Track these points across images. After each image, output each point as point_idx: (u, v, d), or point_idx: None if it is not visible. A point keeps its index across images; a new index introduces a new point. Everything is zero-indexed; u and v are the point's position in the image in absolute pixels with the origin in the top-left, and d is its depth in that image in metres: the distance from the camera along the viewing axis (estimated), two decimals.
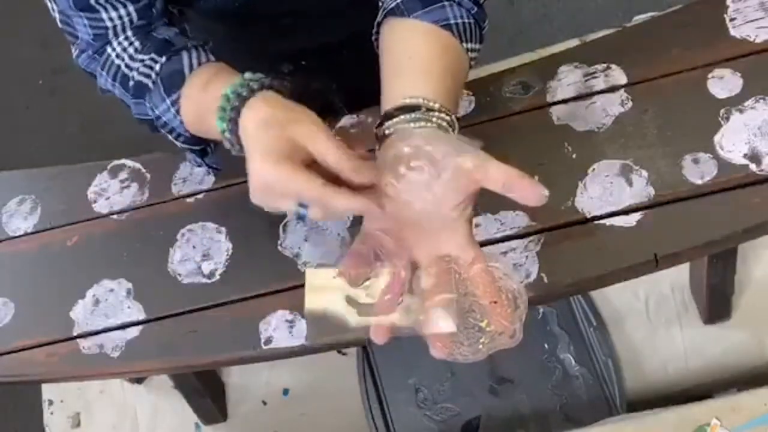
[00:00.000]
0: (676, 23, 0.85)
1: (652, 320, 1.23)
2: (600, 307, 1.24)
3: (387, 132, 0.61)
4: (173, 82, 0.69)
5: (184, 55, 0.70)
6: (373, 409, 1.25)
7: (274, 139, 0.58)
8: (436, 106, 0.61)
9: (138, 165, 0.93)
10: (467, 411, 1.23)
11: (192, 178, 0.90)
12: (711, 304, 1.18)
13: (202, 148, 0.77)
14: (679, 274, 1.22)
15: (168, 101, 0.70)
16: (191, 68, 0.69)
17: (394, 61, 0.66)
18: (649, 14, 1.37)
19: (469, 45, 0.68)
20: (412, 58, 0.65)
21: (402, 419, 1.25)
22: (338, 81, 0.93)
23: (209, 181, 0.89)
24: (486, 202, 0.78)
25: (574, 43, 1.35)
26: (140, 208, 0.89)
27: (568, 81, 0.84)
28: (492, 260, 0.59)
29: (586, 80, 0.84)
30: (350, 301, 0.59)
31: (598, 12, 1.93)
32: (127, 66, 0.74)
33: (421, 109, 0.61)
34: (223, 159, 0.90)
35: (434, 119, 0.60)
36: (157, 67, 0.71)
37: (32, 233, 0.91)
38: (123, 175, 0.92)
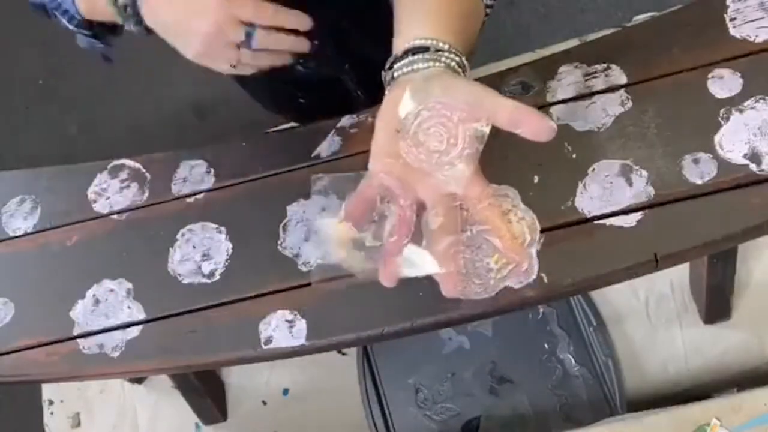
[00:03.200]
0: (676, 23, 0.85)
1: (652, 320, 1.23)
2: (600, 307, 1.24)
3: (395, 75, 0.61)
4: None
5: None
6: (373, 409, 1.25)
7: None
8: (446, 46, 0.61)
9: (138, 165, 0.93)
10: (467, 411, 1.23)
11: (192, 178, 0.90)
12: (711, 304, 1.18)
13: (93, 33, 0.76)
14: (679, 274, 1.22)
15: None
16: None
17: (407, 2, 0.66)
18: (649, 14, 1.37)
19: None
20: (421, 1, 0.65)
21: (402, 419, 1.25)
22: (350, 61, 0.92)
23: (209, 181, 0.89)
24: None
25: (574, 43, 1.35)
26: (140, 208, 0.89)
27: (568, 81, 0.84)
28: (501, 192, 0.60)
29: (586, 80, 0.84)
30: (356, 244, 0.59)
31: (598, 12, 1.93)
32: None
33: (430, 50, 0.60)
34: (223, 159, 0.90)
35: (443, 59, 0.60)
36: None
37: (32, 233, 0.91)
38: (123, 175, 0.92)
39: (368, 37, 0.89)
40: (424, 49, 0.61)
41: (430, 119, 0.58)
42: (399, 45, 0.63)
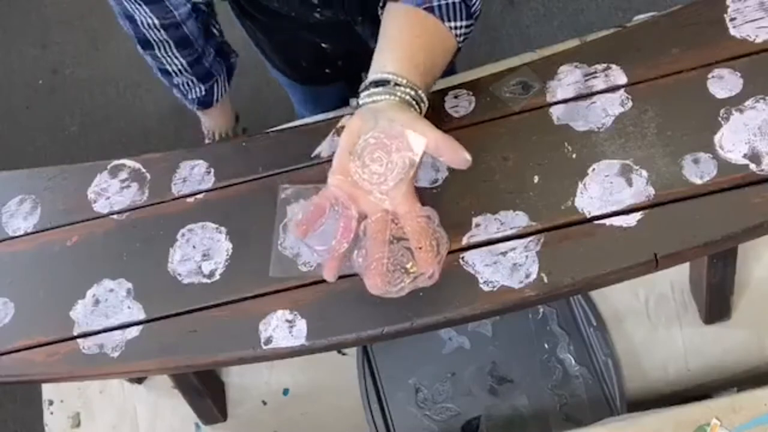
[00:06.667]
0: (676, 23, 0.85)
1: (652, 320, 1.23)
2: (600, 307, 1.24)
3: (360, 102, 0.73)
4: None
5: (215, 89, 1.11)
6: (373, 409, 1.25)
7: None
8: (404, 81, 0.72)
9: (138, 165, 0.93)
10: (467, 411, 1.23)
11: (192, 178, 0.90)
12: (711, 304, 1.18)
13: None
14: (679, 274, 1.22)
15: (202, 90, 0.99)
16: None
17: (381, 39, 0.77)
18: (649, 14, 1.37)
19: (454, 23, 0.77)
20: (391, 38, 0.76)
21: (402, 419, 1.25)
22: (364, 12, 0.99)
23: (209, 181, 0.89)
24: (486, 202, 0.79)
25: (574, 43, 1.35)
26: (140, 208, 0.89)
27: (568, 81, 0.84)
28: (424, 213, 0.72)
29: (586, 80, 0.84)
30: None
31: (598, 12, 1.94)
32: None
33: (389, 84, 0.72)
34: (223, 159, 0.90)
35: (398, 93, 0.72)
36: (196, 90, 1.04)
37: (32, 233, 0.91)
38: (123, 175, 0.92)
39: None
40: (385, 82, 0.72)
41: (374, 146, 0.70)
42: (369, 76, 0.74)
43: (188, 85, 1.11)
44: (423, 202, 0.73)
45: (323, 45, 1.11)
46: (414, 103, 0.73)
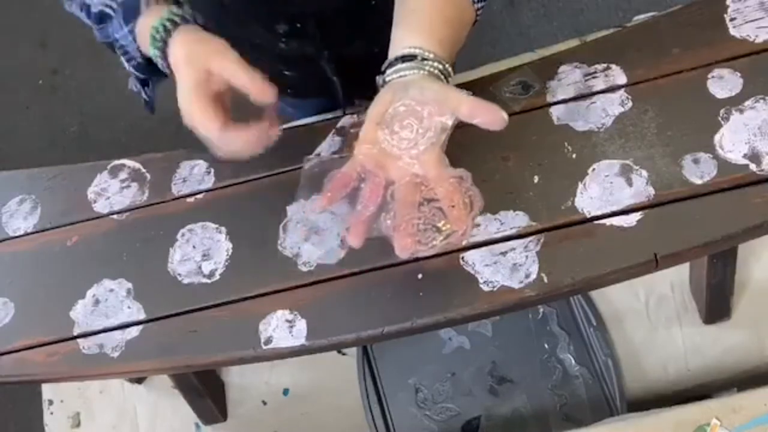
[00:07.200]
0: (676, 23, 0.85)
1: (652, 320, 1.23)
2: (600, 307, 1.24)
3: (387, 79, 0.72)
4: (130, 12, 0.78)
5: None
6: (373, 409, 1.25)
7: (195, 72, 0.71)
8: (431, 55, 0.71)
9: (138, 165, 0.93)
10: (467, 411, 1.23)
11: (192, 178, 0.90)
12: (711, 304, 1.18)
13: (145, 78, 0.86)
14: (679, 274, 1.22)
15: (126, 29, 0.79)
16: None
17: (403, 12, 0.76)
18: (649, 14, 1.36)
19: None
20: (413, 10, 0.75)
21: (402, 419, 1.25)
22: (331, 48, 0.96)
23: (209, 181, 0.89)
24: (486, 202, 0.78)
25: (574, 43, 1.35)
26: (140, 208, 0.89)
27: (568, 81, 0.84)
28: (455, 173, 0.70)
29: (586, 80, 0.84)
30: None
31: (598, 12, 1.94)
32: None
33: (417, 58, 0.71)
34: (223, 159, 0.90)
35: (427, 67, 0.71)
36: None
37: (32, 233, 0.91)
38: (123, 175, 0.92)
39: (353, 29, 0.93)
40: (412, 57, 0.71)
41: (405, 113, 0.70)
42: (392, 52, 0.73)
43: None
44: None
45: (286, 73, 1.05)
46: (442, 77, 0.72)
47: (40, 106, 2.22)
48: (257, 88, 0.70)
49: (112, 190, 0.91)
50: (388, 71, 0.72)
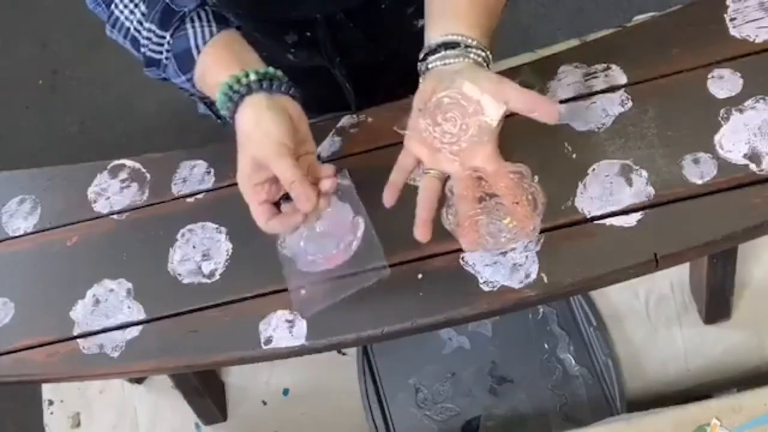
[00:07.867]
0: (676, 23, 0.85)
1: (652, 320, 1.23)
2: (600, 307, 1.24)
3: (429, 66, 0.70)
4: (184, 63, 0.76)
5: (189, 31, 0.76)
6: (373, 409, 1.25)
7: (248, 157, 0.71)
8: (474, 42, 0.69)
9: (138, 165, 0.93)
10: (467, 411, 1.23)
11: (192, 178, 0.90)
12: (711, 304, 1.18)
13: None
14: (679, 274, 1.22)
15: (184, 77, 0.77)
16: (198, 49, 0.75)
17: (441, 0, 0.74)
18: (649, 14, 1.37)
19: None
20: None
21: (402, 419, 1.25)
22: (342, 54, 0.94)
23: (209, 181, 0.89)
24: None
25: (574, 43, 1.35)
26: (140, 208, 0.89)
27: (568, 81, 0.84)
28: (517, 169, 0.70)
29: (586, 80, 0.84)
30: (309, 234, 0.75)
31: (598, 12, 1.93)
32: (136, 30, 0.80)
33: (460, 46, 0.69)
34: (223, 159, 0.90)
35: (471, 55, 0.69)
36: (166, 45, 0.77)
37: (32, 233, 0.91)
38: (123, 175, 0.92)
39: (363, 33, 0.91)
40: (454, 45, 0.69)
41: (449, 105, 0.68)
42: (432, 39, 0.71)
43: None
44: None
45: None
46: (485, 65, 0.71)
47: (40, 106, 2.22)
48: (303, 200, 0.70)
49: (112, 190, 0.91)
50: (430, 58, 0.70)
